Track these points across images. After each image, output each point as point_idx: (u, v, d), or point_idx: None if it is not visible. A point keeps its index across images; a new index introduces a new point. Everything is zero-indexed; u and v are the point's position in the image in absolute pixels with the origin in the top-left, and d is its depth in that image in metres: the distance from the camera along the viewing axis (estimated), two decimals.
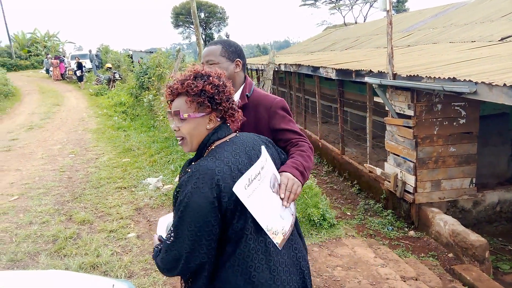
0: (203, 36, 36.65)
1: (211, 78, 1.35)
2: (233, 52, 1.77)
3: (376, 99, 5.69)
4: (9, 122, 10.52)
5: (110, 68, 19.16)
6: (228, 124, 1.40)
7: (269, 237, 1.26)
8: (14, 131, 9.22)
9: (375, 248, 4.02)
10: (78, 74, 18.91)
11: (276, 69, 9.84)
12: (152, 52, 19.78)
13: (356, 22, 27.13)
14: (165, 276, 1.84)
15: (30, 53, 31.85)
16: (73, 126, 9.74)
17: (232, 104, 1.39)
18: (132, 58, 23.53)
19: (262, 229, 1.24)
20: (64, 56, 26.12)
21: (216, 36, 49.70)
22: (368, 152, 6.20)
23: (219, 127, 1.37)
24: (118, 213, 4.28)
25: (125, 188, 5.07)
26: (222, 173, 1.22)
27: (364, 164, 6.24)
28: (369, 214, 5.49)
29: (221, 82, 1.37)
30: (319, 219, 4.00)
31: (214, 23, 49.19)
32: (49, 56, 25.25)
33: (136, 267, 3.21)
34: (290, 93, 11.44)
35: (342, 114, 7.26)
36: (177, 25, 49.07)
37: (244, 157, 1.31)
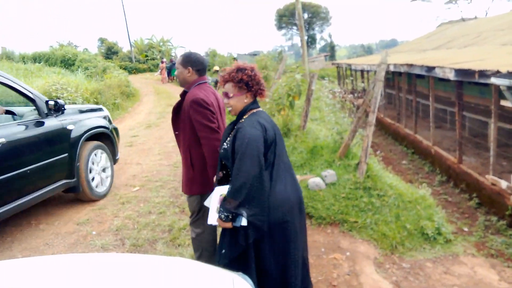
0: (306, 37, 36.64)
1: (246, 70, 2.18)
2: (187, 61, 2.67)
3: (503, 102, 5.06)
4: (131, 120, 11.74)
5: (217, 70, 20.27)
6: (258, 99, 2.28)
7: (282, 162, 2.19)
8: (135, 129, 10.28)
9: (499, 270, 3.56)
10: None
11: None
12: (256, 54, 20.50)
13: (475, 17, 24.54)
14: None
15: (147, 57, 35.28)
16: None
17: (261, 86, 2.23)
18: (237, 61, 24.54)
19: (284, 160, 2.21)
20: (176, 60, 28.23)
21: (318, 36, 49.28)
22: (491, 162, 5.53)
23: (253, 101, 2.24)
24: None
25: None
26: (263, 121, 2.13)
27: (486, 176, 5.59)
28: (490, 231, 4.90)
29: (253, 73, 2.19)
30: (433, 232, 3.68)
31: (317, 23, 48.86)
32: (164, 60, 27.58)
33: None
34: (399, 95, 10.80)
35: (460, 118, 6.60)
36: (280, 27, 49.86)
37: (268, 118, 2.22)
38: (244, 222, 1.98)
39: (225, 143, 2.21)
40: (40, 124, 4.07)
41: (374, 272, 3.24)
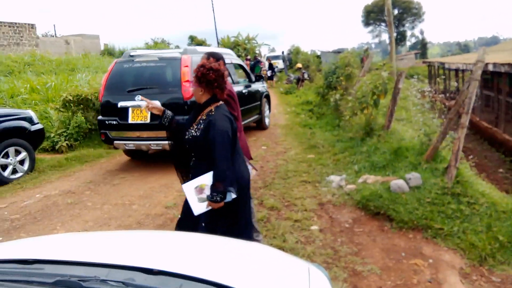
0: (395, 34, 34.90)
1: (209, 71, 2.54)
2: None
3: None
4: None
5: (300, 68, 20.26)
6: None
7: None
8: None
9: None
10: (269, 74, 20.66)
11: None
12: (340, 52, 20.04)
13: None
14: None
15: None
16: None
17: (219, 87, 2.59)
18: (320, 58, 24.28)
19: (238, 147, 2.70)
20: (260, 57, 28.80)
21: (409, 33, 46.68)
22: None
23: (212, 97, 2.59)
24: (302, 205, 4.51)
25: (309, 182, 5.29)
26: (229, 114, 2.60)
27: None
28: None
29: (213, 75, 2.53)
30: None
31: (408, 19, 46.29)
32: (249, 57, 28.27)
33: (318, 259, 3.32)
34: (498, 97, 9.86)
35: None
36: (367, 24, 48.18)
37: (228, 112, 2.64)
38: (233, 195, 2.48)
39: (192, 130, 2.58)
40: (250, 86, 8.11)
41: (459, 282, 3.04)
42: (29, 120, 6.19)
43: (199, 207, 2.49)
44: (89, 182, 5.65)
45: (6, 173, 5.77)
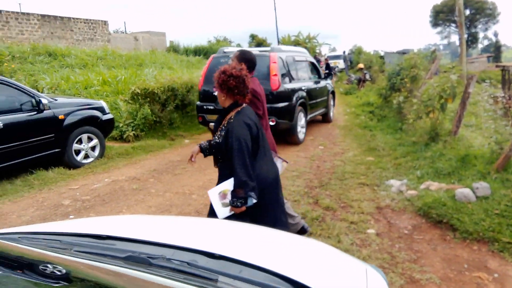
0: (466, 35, 32.82)
1: (229, 78, 2.60)
2: (242, 58, 3.30)
3: None
4: None
5: (361, 68, 19.75)
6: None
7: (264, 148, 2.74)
8: None
9: None
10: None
11: None
12: (405, 53, 19.25)
13: None
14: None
15: None
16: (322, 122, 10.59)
17: (240, 93, 2.63)
18: (383, 59, 23.50)
19: (265, 147, 2.75)
20: (321, 57, 28.49)
21: (481, 35, 43.73)
22: None
23: (235, 102, 2.66)
24: (359, 207, 4.42)
25: (367, 185, 5.17)
26: (248, 120, 2.61)
27: None
28: None
29: (233, 82, 2.59)
30: None
31: (480, 20, 43.34)
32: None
33: (374, 263, 3.24)
34: None
35: None
36: (435, 24, 45.78)
37: (251, 115, 2.69)
38: (254, 200, 2.54)
39: (216, 137, 2.69)
40: (319, 82, 9.18)
41: None
42: (101, 110, 6.64)
43: (223, 212, 2.59)
44: (153, 171, 5.96)
45: (79, 158, 6.26)
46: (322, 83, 9.45)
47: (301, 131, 7.82)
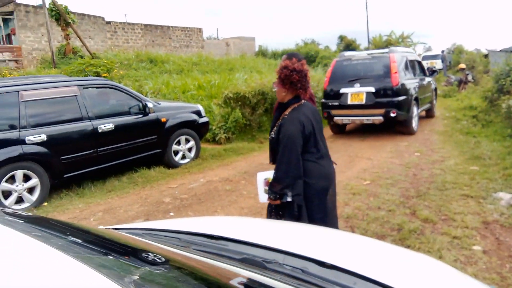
0: None
1: (292, 72, 2.58)
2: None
3: None
4: None
5: (463, 69, 18.17)
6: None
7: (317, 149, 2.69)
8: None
9: None
10: None
11: None
12: None
13: None
14: None
15: None
16: (420, 125, 9.96)
17: (303, 87, 2.64)
18: (488, 58, 21.43)
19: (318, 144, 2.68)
20: None
21: None
22: None
23: (295, 97, 2.65)
24: (463, 221, 4.07)
25: (471, 197, 4.74)
26: (303, 117, 2.59)
27: None
28: None
29: (297, 75, 2.59)
30: None
31: None
32: None
33: None
34: None
35: None
36: None
37: (308, 111, 2.66)
38: (289, 198, 2.54)
39: (272, 132, 2.76)
40: (425, 79, 9.93)
41: None
42: (198, 113, 7.05)
43: (263, 197, 2.71)
44: (244, 173, 6.16)
45: (177, 158, 6.71)
46: (427, 80, 10.22)
47: (414, 122, 8.73)
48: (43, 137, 5.03)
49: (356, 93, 8.24)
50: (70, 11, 16.22)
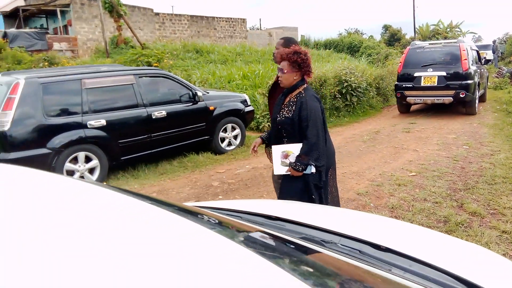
0: None
1: (301, 54, 2.72)
2: (287, 46, 3.14)
3: None
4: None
5: None
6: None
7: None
8: (412, 116, 10.24)
9: None
10: None
11: None
12: None
13: None
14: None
15: None
16: (468, 118, 9.65)
17: (310, 69, 2.79)
18: None
19: (325, 125, 2.87)
20: None
21: None
22: None
23: (302, 79, 2.80)
24: None
25: None
26: (316, 95, 2.87)
27: None
28: None
29: (305, 57, 2.74)
30: None
31: None
32: None
33: None
34: None
35: None
36: None
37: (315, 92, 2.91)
38: (313, 169, 2.70)
39: (285, 112, 2.80)
40: (481, 67, 11.23)
41: None
42: (244, 102, 7.25)
43: (280, 169, 2.82)
44: None
45: (224, 145, 6.96)
46: (482, 67, 11.73)
47: (476, 104, 10.07)
48: (103, 122, 5.41)
49: (429, 76, 9.56)
50: (122, 3, 16.90)
